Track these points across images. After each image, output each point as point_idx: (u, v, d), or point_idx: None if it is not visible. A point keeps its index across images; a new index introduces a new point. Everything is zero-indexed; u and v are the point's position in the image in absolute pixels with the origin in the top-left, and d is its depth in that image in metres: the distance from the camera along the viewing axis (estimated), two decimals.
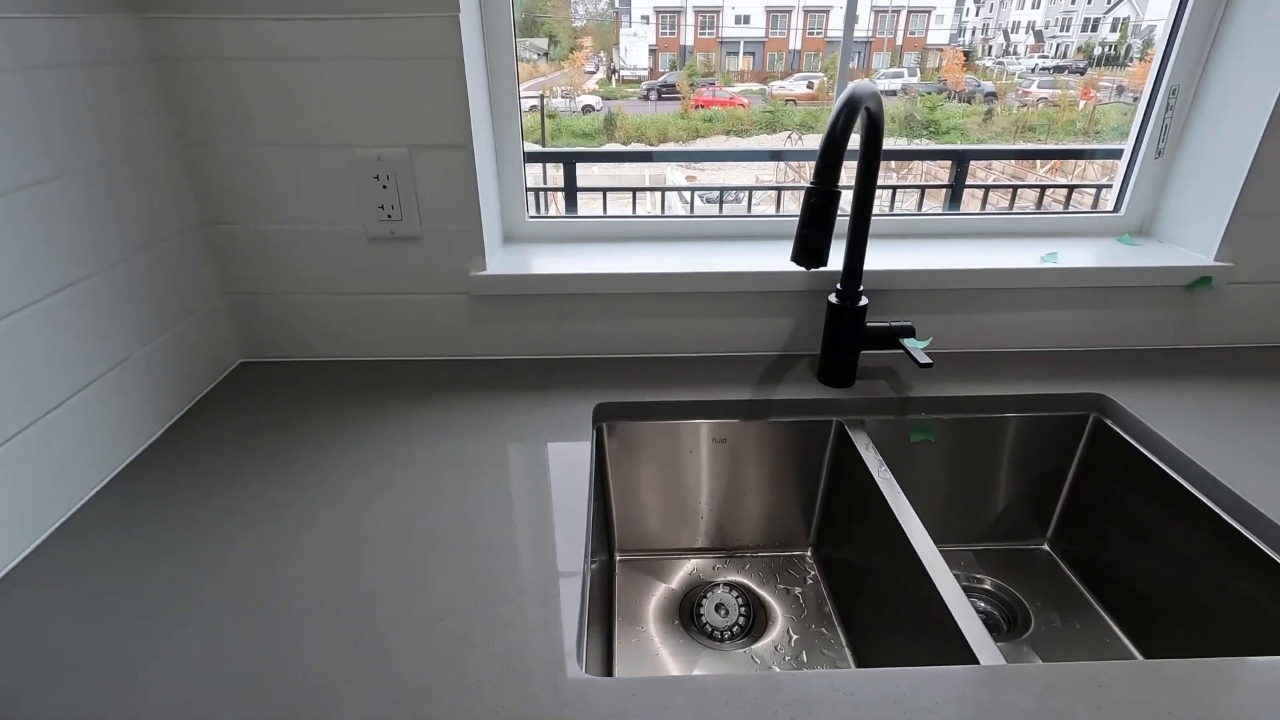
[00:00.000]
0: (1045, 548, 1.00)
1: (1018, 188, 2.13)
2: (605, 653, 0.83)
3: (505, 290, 0.95)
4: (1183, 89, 0.98)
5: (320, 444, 0.82)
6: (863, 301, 0.89)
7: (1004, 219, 1.11)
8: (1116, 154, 1.09)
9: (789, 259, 0.73)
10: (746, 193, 2.11)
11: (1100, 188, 1.11)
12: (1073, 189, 1.92)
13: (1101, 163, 1.06)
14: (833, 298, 0.90)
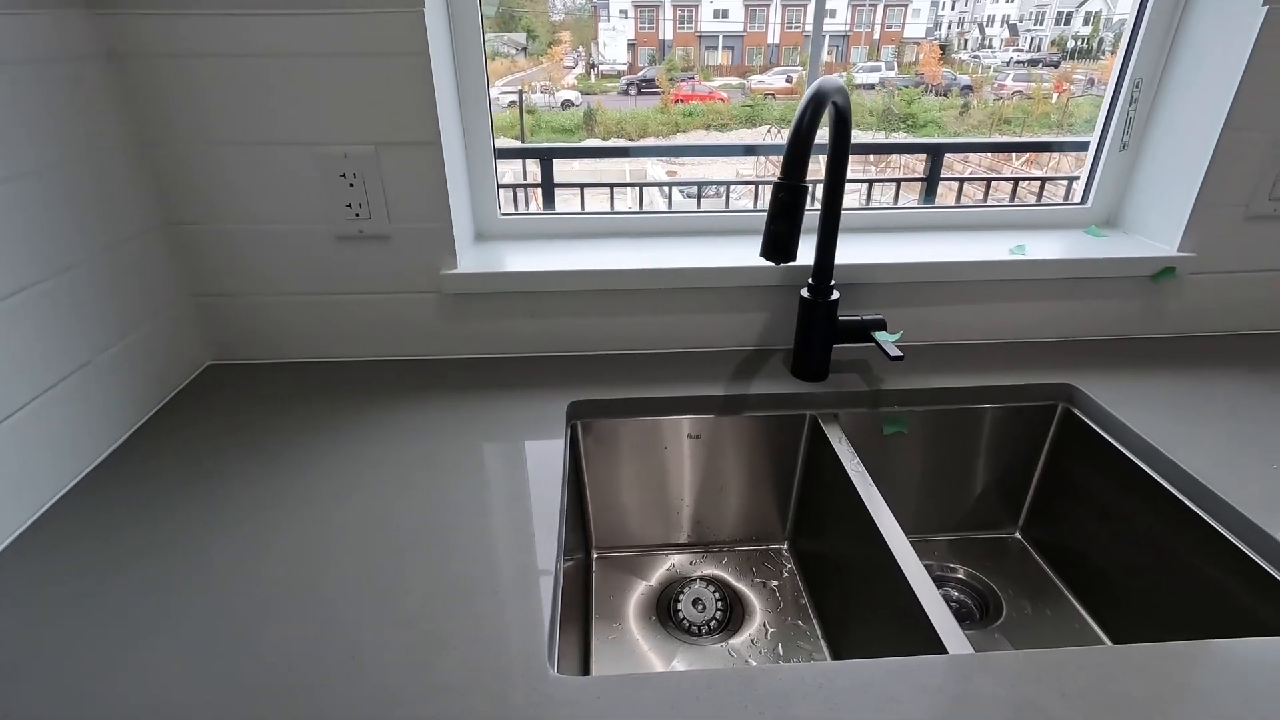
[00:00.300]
0: (1017, 536, 1.02)
1: (991, 180, 2.15)
2: (582, 651, 0.83)
3: (477, 289, 0.95)
4: (1146, 82, 1.00)
5: (290, 446, 0.80)
6: (834, 296, 0.90)
7: (974, 212, 1.12)
8: (1084, 146, 1.10)
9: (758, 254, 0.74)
10: (725, 187, 2.11)
11: (1072, 180, 1.12)
12: (1045, 181, 1.94)
13: (1075, 155, 1.08)
14: (805, 292, 0.91)
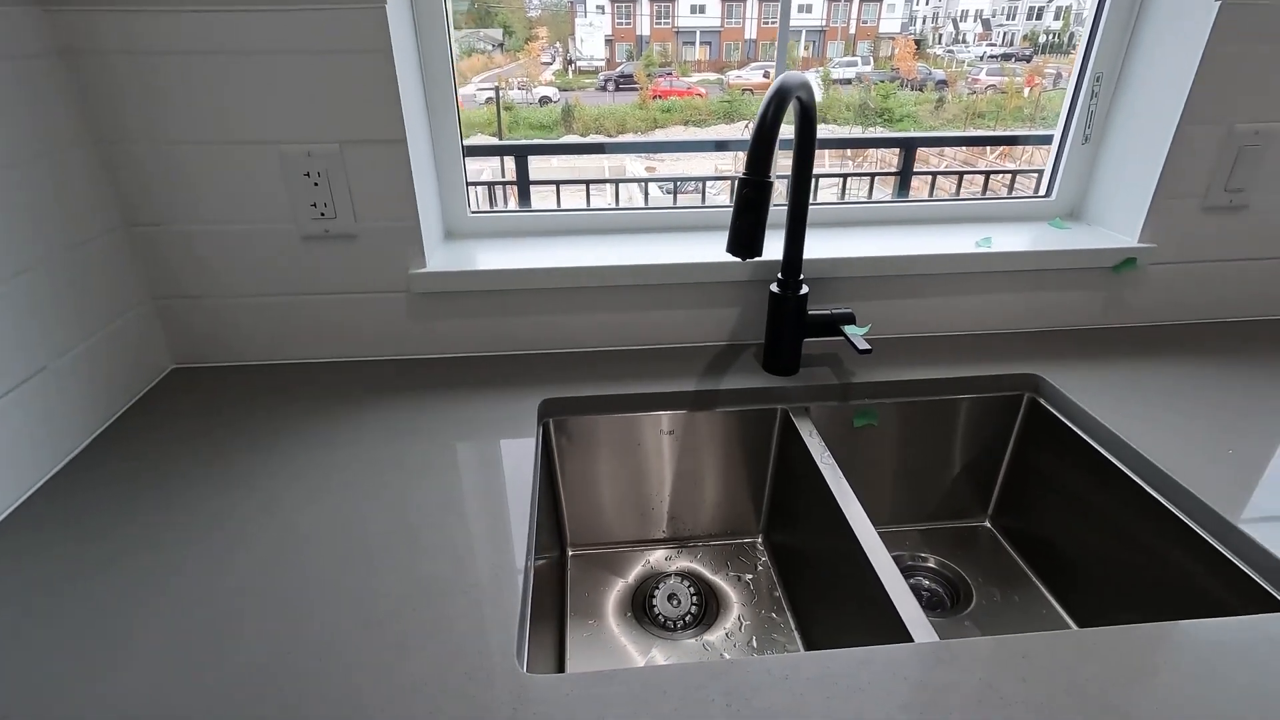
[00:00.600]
0: (987, 525, 1.03)
1: (963, 174, 2.18)
2: (557, 649, 0.83)
3: (446, 287, 0.94)
4: (1106, 77, 1.01)
5: (257, 450, 0.79)
6: (804, 290, 0.90)
7: (943, 205, 1.13)
8: (1049, 140, 1.12)
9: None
10: (701, 183, 2.12)
11: (1040, 172, 1.14)
12: (1015, 174, 1.97)
13: (1047, 148, 1.10)
14: (774, 287, 0.91)
